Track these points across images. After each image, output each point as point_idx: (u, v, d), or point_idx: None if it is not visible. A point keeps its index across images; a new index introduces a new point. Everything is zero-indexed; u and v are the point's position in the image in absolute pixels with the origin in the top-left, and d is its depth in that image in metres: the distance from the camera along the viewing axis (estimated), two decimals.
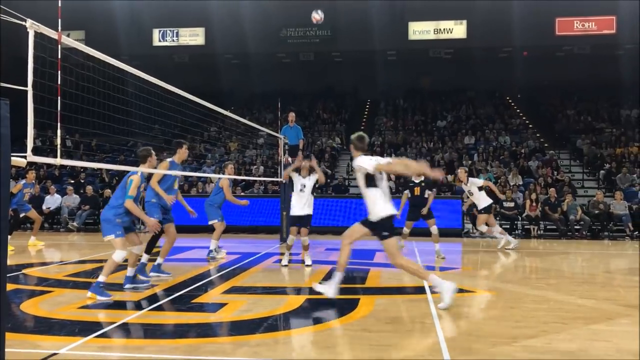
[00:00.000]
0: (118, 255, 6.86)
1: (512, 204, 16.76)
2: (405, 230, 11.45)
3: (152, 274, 8.24)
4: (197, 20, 28.51)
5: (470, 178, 12.32)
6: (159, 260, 8.41)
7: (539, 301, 6.98)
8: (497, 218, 17.02)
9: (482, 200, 12.26)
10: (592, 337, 5.41)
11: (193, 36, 29.31)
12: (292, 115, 14.42)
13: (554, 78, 27.64)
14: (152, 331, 5.39)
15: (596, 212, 16.24)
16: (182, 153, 8.41)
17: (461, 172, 12.29)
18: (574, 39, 27.00)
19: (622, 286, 8.14)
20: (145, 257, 8.11)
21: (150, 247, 8.32)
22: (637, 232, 15.97)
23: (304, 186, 9.77)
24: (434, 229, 10.95)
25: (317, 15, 10.57)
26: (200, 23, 28.67)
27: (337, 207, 16.79)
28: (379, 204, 6.31)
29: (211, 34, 28.31)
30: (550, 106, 28.04)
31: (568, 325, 5.76)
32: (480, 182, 12.43)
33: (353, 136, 6.65)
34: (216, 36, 27.87)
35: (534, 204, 16.53)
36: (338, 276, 6.64)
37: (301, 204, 9.70)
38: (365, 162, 6.25)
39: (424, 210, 11.00)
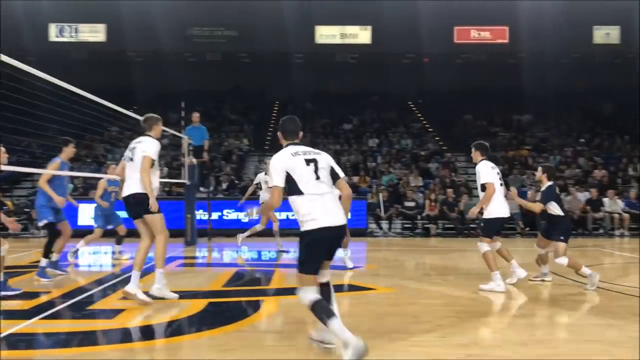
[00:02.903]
0: None
1: (412, 204, 17.37)
2: None
3: (47, 269, 8.24)
4: (98, 16, 27.39)
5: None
6: (55, 257, 8.52)
7: (437, 297, 7.28)
8: (399, 218, 17.63)
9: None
10: (484, 329, 5.72)
11: (93, 32, 28.14)
12: (196, 116, 14.19)
13: (452, 84, 28.91)
14: (42, 341, 5.12)
15: None
16: (69, 151, 8.39)
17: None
18: (470, 47, 28.42)
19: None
20: (44, 262, 8.13)
21: (47, 251, 8.20)
22: (527, 229, 17.03)
23: None
24: None
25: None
26: (101, 19, 27.58)
27: (245, 209, 16.66)
28: None
29: (113, 30, 27.29)
30: (449, 111, 29.30)
31: (462, 319, 6.05)
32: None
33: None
34: (119, 33, 26.91)
35: (433, 203, 17.24)
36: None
37: None
38: None
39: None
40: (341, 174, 4.82)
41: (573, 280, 8.56)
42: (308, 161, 4.61)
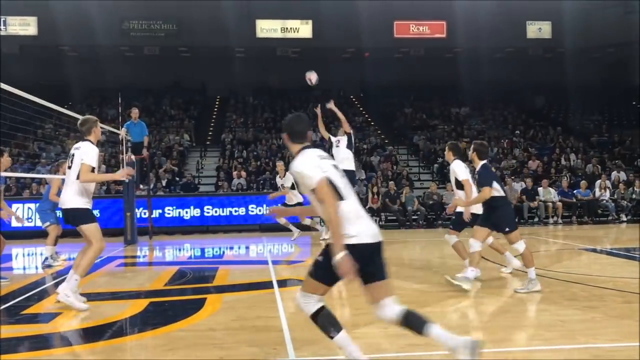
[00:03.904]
0: None
1: None
2: None
3: None
4: (28, 8, 26.22)
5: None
6: None
7: None
8: None
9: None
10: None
11: (23, 26, 26.93)
12: (135, 112, 13.87)
13: (392, 78, 29.27)
14: None
15: (431, 202, 17.54)
16: (5, 161, 7.94)
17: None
18: (410, 42, 28.82)
19: (453, 270, 8.87)
20: None
21: None
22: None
23: (339, 141, 11.16)
24: None
25: (313, 78, 10.85)
26: (31, 11, 26.40)
27: (187, 205, 16.43)
28: None
29: (45, 23, 26.20)
30: (390, 105, 29.69)
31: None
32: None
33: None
34: (51, 26, 25.80)
35: (376, 196, 17.45)
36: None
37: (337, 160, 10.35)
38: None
39: None
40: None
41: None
42: (335, 166, 3.89)
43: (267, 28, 28.09)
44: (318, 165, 3.72)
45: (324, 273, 3.77)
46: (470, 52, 27.69)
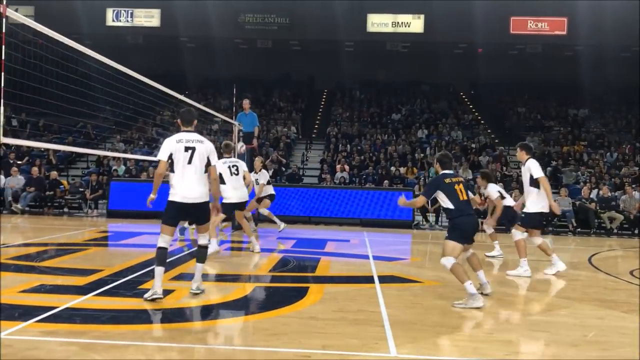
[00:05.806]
0: None
1: None
2: None
3: None
4: (154, 1, 27.88)
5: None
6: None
7: None
8: None
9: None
10: (532, 327, 5.59)
11: (148, 17, 28.62)
12: (247, 102, 14.30)
13: (506, 75, 28.26)
14: (95, 317, 5.28)
15: None
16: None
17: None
18: (527, 38, 27.61)
19: (563, 279, 8.43)
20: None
21: None
22: (579, 229, 16.53)
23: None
24: None
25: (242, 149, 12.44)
26: (155, 4, 28.03)
27: (291, 196, 16.76)
28: None
29: (167, 15, 27.73)
30: (502, 103, 28.68)
31: (509, 315, 5.94)
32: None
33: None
34: (172, 18, 27.29)
35: (483, 198, 16.88)
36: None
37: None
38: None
39: None
40: (213, 162, 6.05)
41: (626, 281, 8.30)
42: (187, 148, 5.89)
43: (378, 22, 28.00)
44: (169, 147, 5.90)
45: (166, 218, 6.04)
46: (593, 50, 26.08)
